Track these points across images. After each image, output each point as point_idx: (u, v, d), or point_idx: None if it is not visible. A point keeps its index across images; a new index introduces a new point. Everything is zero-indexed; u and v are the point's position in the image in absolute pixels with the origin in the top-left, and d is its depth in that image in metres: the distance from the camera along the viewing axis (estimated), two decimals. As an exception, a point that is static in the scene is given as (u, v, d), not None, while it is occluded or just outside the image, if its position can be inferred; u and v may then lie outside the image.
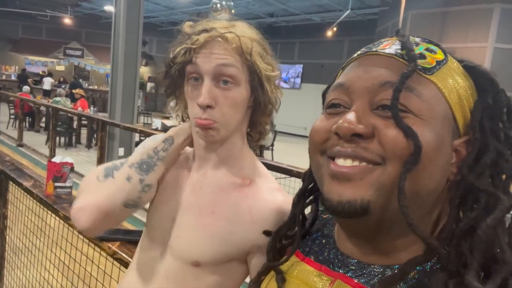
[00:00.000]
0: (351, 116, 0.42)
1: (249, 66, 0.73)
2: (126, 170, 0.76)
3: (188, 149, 0.86)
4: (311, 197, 0.57)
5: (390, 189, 0.40)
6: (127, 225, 2.07)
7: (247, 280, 0.73)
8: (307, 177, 0.56)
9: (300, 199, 0.57)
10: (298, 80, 14.86)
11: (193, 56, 0.71)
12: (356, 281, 0.44)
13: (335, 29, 10.96)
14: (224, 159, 0.79)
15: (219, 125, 0.73)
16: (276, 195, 0.76)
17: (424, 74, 0.43)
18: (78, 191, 0.80)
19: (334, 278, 0.46)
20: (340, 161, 0.43)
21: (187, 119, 0.82)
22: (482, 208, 0.40)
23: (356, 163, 0.42)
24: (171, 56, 0.74)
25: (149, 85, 16.05)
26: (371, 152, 0.41)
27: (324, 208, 0.47)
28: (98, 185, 0.77)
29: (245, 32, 0.74)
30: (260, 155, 6.27)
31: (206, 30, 0.72)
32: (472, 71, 0.46)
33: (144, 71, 16.07)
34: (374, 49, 0.47)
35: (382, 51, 0.45)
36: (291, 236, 0.56)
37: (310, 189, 0.57)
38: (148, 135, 4.39)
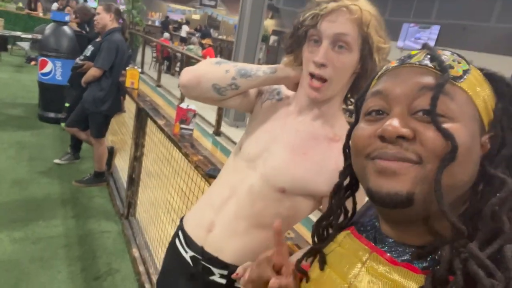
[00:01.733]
0: (395, 120, 0.48)
1: (364, 36, 0.83)
2: (230, 66, 0.97)
3: (290, 93, 1.01)
4: (348, 192, 0.64)
5: (431, 183, 0.46)
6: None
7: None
8: (342, 174, 0.64)
9: (337, 192, 0.64)
10: (432, 44, 13.28)
11: (318, 21, 0.84)
12: (388, 255, 0.53)
13: (486, -15, 9.40)
14: (322, 114, 0.94)
15: (327, 85, 0.86)
16: None
17: (455, 82, 0.49)
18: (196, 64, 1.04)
19: (372, 250, 0.55)
20: (384, 162, 0.48)
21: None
22: (493, 191, 0.46)
23: (399, 163, 0.47)
24: (300, 19, 0.88)
25: (272, 38, 16.31)
26: (412, 152, 0.47)
27: (371, 200, 0.53)
28: (207, 65, 0.99)
29: (366, 6, 0.85)
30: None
31: (334, 1, 0.84)
32: (491, 77, 0.52)
33: (269, 24, 16.31)
34: (408, 61, 0.52)
35: (416, 62, 0.51)
36: (333, 225, 0.64)
37: (346, 185, 0.64)
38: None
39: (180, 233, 1.08)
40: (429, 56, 0.51)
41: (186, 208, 2.01)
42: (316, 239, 0.65)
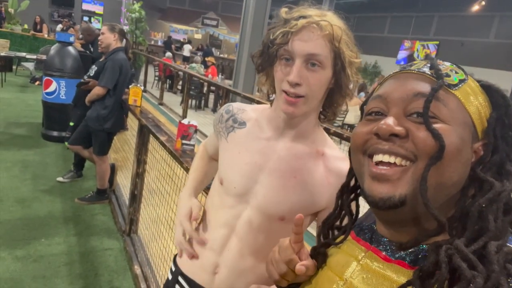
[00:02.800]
0: (390, 119, 0.51)
1: (336, 52, 0.82)
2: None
3: (254, 116, 0.98)
4: (353, 194, 0.66)
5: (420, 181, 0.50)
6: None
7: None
8: (349, 173, 0.66)
9: (343, 193, 0.66)
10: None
11: (289, 39, 0.81)
12: (384, 253, 0.55)
13: (483, 2, 9.58)
14: (301, 133, 0.92)
15: (303, 100, 0.84)
16: (342, 164, 0.89)
17: (449, 89, 0.52)
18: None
19: (368, 249, 0.58)
20: (379, 157, 0.51)
21: (272, 94, 0.96)
22: (482, 193, 0.49)
23: (392, 158, 0.50)
24: (271, 37, 0.84)
25: (274, 56, 16.40)
26: (405, 150, 0.50)
27: (366, 202, 0.55)
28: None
29: (336, 21, 0.83)
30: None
31: (304, 17, 0.81)
32: (487, 89, 0.54)
33: (271, 42, 16.49)
34: (408, 68, 0.56)
35: (415, 69, 0.54)
36: (338, 227, 0.68)
37: (352, 186, 0.66)
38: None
39: (180, 279, 1.05)
40: (428, 65, 0.54)
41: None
42: (322, 239, 0.68)
